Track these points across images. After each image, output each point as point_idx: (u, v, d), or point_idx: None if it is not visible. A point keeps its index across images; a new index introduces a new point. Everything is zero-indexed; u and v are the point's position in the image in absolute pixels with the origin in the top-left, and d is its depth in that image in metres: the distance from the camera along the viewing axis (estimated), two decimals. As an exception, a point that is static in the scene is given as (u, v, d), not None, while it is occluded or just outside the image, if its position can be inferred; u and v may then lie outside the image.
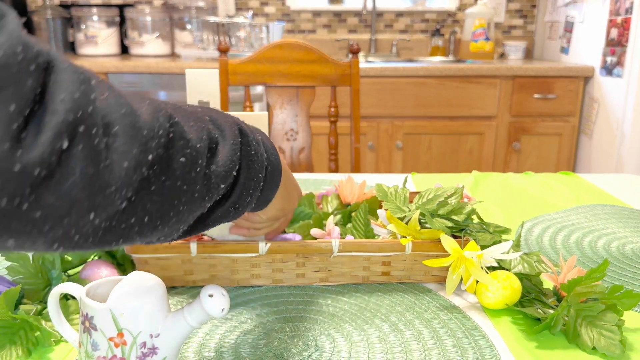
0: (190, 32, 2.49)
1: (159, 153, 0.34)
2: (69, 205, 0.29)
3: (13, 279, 0.61)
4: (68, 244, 0.31)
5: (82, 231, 0.31)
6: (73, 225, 0.30)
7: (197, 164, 0.38)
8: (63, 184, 0.28)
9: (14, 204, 0.27)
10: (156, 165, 0.34)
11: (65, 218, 0.29)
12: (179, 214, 0.37)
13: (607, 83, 2.13)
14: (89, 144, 0.29)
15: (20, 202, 0.27)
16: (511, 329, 0.58)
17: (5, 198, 0.26)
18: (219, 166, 0.41)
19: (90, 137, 0.29)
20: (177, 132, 0.37)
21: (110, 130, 0.31)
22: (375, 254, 0.65)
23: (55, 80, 0.28)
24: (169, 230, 0.38)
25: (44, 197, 0.28)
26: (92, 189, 0.30)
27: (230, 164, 0.43)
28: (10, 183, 0.26)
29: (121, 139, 0.32)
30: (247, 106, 1.49)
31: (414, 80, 2.21)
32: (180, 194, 0.37)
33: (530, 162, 2.34)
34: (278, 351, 0.54)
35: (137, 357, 0.43)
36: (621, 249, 0.80)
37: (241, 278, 0.66)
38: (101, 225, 0.32)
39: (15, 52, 0.26)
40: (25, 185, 0.27)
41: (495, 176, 1.15)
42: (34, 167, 0.27)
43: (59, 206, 0.29)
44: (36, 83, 0.27)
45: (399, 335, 0.57)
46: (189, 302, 0.45)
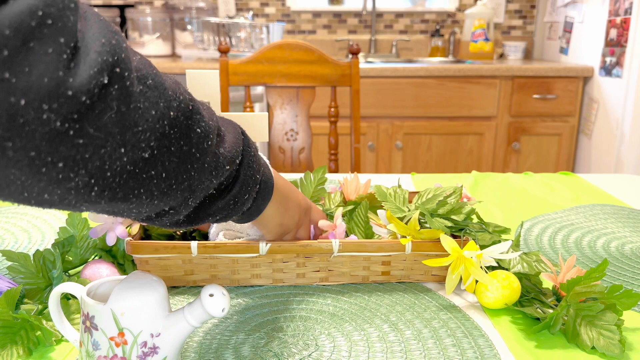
0: (190, 32, 2.49)
1: (179, 117, 0.38)
2: (104, 136, 0.32)
3: (14, 279, 0.61)
4: (101, 181, 0.33)
5: (113, 167, 0.34)
6: (108, 157, 0.33)
7: (210, 138, 0.42)
8: (102, 117, 0.32)
9: (65, 126, 0.30)
10: (176, 128, 0.38)
11: (102, 148, 0.32)
12: (191, 179, 0.41)
13: (606, 83, 2.13)
14: (124, 85, 0.33)
15: (69, 127, 0.30)
16: (511, 328, 0.58)
17: (60, 119, 0.29)
18: (226, 150, 0.45)
19: (124, 79, 0.33)
20: (195, 106, 0.41)
21: (145, 81, 0.35)
22: (375, 254, 0.65)
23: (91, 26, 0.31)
24: (180, 196, 0.41)
25: (85, 126, 0.31)
26: (124, 125, 0.33)
27: (235, 152, 0.47)
28: (64, 106, 0.29)
29: (152, 91, 0.36)
30: (247, 106, 1.49)
31: (414, 80, 2.21)
32: (194, 160, 0.40)
33: (530, 162, 2.34)
34: (278, 351, 0.54)
35: (137, 356, 0.43)
36: (620, 249, 0.80)
37: (242, 278, 0.66)
38: (127, 167, 0.35)
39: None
40: (74, 111, 0.30)
41: (494, 176, 1.15)
42: (82, 94, 0.30)
43: (97, 136, 0.32)
44: (75, 19, 0.30)
45: (398, 334, 0.57)
46: (190, 302, 0.45)
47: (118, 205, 0.36)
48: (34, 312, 0.56)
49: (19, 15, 0.26)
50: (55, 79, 0.28)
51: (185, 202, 0.42)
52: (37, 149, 0.29)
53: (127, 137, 0.34)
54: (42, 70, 0.28)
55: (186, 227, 0.47)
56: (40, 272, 0.61)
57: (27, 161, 0.29)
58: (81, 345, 0.45)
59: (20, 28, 0.26)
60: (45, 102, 0.28)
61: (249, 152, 0.50)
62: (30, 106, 0.28)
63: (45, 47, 0.28)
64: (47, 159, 0.30)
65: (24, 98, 0.27)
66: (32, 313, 0.55)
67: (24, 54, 0.27)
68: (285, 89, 1.49)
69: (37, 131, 0.28)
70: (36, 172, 0.30)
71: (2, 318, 0.53)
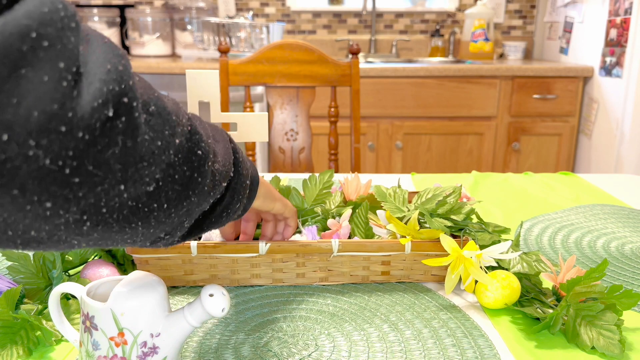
0: (190, 32, 2.49)
1: (182, 142, 0.36)
2: (104, 174, 0.29)
3: (14, 279, 0.61)
4: (95, 217, 0.31)
5: (110, 204, 0.31)
6: (105, 195, 0.30)
7: (209, 158, 0.40)
8: (104, 153, 0.29)
9: (57, 164, 0.27)
10: (180, 154, 0.36)
11: (99, 186, 0.30)
12: (190, 205, 0.39)
13: (606, 83, 2.13)
14: (131, 116, 0.30)
15: (64, 165, 0.27)
16: (510, 328, 0.58)
17: (49, 157, 0.26)
18: (220, 165, 0.43)
19: (132, 110, 0.30)
20: (194, 126, 0.39)
21: (148, 108, 0.32)
22: (374, 254, 0.65)
23: (95, 49, 0.29)
24: (177, 221, 0.39)
25: (84, 164, 0.28)
26: (128, 161, 0.30)
27: (228, 166, 0.45)
28: (55, 143, 0.26)
29: (156, 119, 0.33)
30: (247, 106, 1.49)
31: (414, 80, 2.21)
32: (195, 185, 0.38)
33: (530, 162, 2.34)
34: (278, 351, 0.54)
35: (137, 356, 0.43)
36: (620, 249, 0.80)
37: (241, 278, 0.66)
38: (127, 203, 0.32)
39: (58, 9, 0.26)
40: (68, 148, 0.27)
41: (494, 176, 1.15)
42: (79, 130, 0.27)
43: (95, 174, 0.29)
44: (77, 41, 0.27)
45: (398, 334, 0.57)
46: (190, 302, 0.45)
47: (112, 236, 0.34)
48: (34, 312, 0.56)
49: (7, 39, 0.24)
50: (47, 113, 0.25)
51: (181, 225, 0.40)
52: (21, 187, 0.26)
53: (130, 173, 0.31)
54: (32, 101, 0.25)
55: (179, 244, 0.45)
56: (40, 272, 0.61)
57: (9, 198, 0.26)
58: (81, 345, 0.45)
59: (7, 54, 0.24)
60: (33, 138, 0.25)
61: (238, 160, 0.48)
62: (13, 141, 0.25)
63: (40, 74, 0.25)
64: (32, 198, 0.27)
65: (7, 133, 0.25)
66: (32, 313, 0.55)
67: (12, 83, 0.24)
68: (285, 89, 1.49)
69: (21, 169, 0.26)
70: (19, 209, 0.27)
71: (2, 318, 0.53)
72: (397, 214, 0.68)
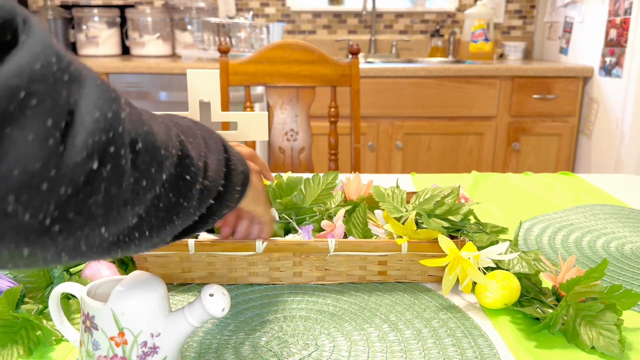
0: (190, 32, 2.49)
1: (170, 172, 0.35)
2: (85, 220, 0.29)
3: (15, 278, 0.61)
4: (74, 254, 0.31)
5: (91, 243, 0.31)
6: (85, 237, 0.30)
7: (198, 180, 0.39)
8: (86, 201, 0.28)
9: (37, 218, 0.26)
10: (167, 184, 0.35)
11: (79, 231, 0.29)
12: (173, 227, 0.39)
13: (606, 83, 2.13)
14: (117, 164, 0.29)
15: (44, 217, 0.27)
16: (510, 328, 0.58)
17: (28, 213, 0.26)
18: (210, 181, 0.42)
19: (119, 158, 0.29)
20: (184, 150, 0.38)
21: (134, 147, 0.31)
22: (371, 254, 0.65)
23: (86, 95, 0.28)
24: (158, 240, 0.38)
25: (66, 213, 0.28)
26: (110, 207, 0.30)
27: (218, 178, 0.44)
28: (36, 200, 0.26)
29: (143, 157, 0.32)
30: (247, 106, 1.50)
31: (414, 80, 2.21)
32: (180, 209, 0.38)
33: (530, 162, 2.34)
34: (278, 351, 0.54)
35: (138, 356, 0.43)
36: (620, 249, 0.80)
37: (239, 276, 0.66)
38: (109, 239, 0.32)
39: (51, 63, 0.26)
40: (50, 203, 0.27)
41: (494, 176, 1.15)
42: (62, 186, 0.27)
43: (77, 220, 0.29)
44: (69, 94, 0.27)
45: (398, 334, 0.57)
46: (190, 302, 0.45)
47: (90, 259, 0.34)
48: (35, 311, 0.56)
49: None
50: (29, 172, 0.25)
51: (163, 242, 0.40)
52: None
53: (112, 217, 0.31)
54: (14, 160, 0.24)
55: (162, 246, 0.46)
56: (41, 271, 0.61)
57: None
58: (81, 345, 0.45)
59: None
60: (12, 194, 0.25)
61: (229, 168, 0.47)
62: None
63: (25, 133, 0.24)
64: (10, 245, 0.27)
65: None
66: (33, 312, 0.55)
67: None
68: (285, 89, 1.49)
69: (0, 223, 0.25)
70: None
71: (3, 317, 0.53)
72: (395, 214, 0.68)
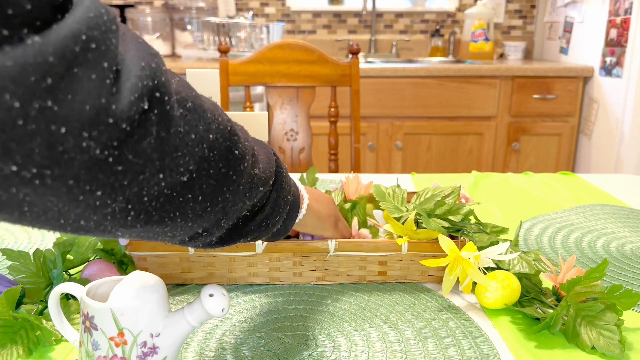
0: (190, 32, 2.49)
1: (218, 139, 0.38)
2: (143, 162, 0.32)
3: (14, 279, 0.61)
4: (138, 206, 0.33)
5: (151, 192, 0.33)
6: (146, 183, 0.32)
7: (246, 159, 0.42)
8: (140, 143, 0.31)
9: (105, 154, 0.29)
10: (215, 150, 0.38)
11: (140, 175, 0.32)
12: (226, 202, 0.41)
13: (606, 83, 2.13)
14: (164, 109, 0.32)
15: (109, 154, 0.29)
16: (510, 328, 0.58)
17: (99, 147, 0.28)
18: (260, 171, 0.45)
19: (164, 103, 0.32)
20: (232, 128, 0.41)
21: (184, 104, 0.35)
22: (371, 254, 0.65)
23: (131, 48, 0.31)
24: (214, 218, 0.41)
25: (124, 153, 0.30)
26: (163, 150, 0.33)
27: (269, 173, 0.47)
28: (104, 134, 0.28)
29: (192, 114, 0.35)
30: (247, 106, 1.49)
31: (414, 80, 2.21)
32: (230, 182, 0.40)
33: (530, 162, 2.34)
34: (278, 351, 0.54)
35: (137, 356, 0.43)
36: (620, 249, 0.80)
37: (239, 276, 0.66)
38: (164, 191, 0.34)
39: (101, 13, 0.28)
40: (114, 138, 0.29)
41: (494, 176, 1.15)
42: (122, 121, 0.29)
43: (136, 163, 0.31)
44: (117, 42, 0.29)
45: (398, 334, 0.57)
46: (189, 302, 0.45)
47: (153, 229, 0.36)
48: (34, 312, 0.56)
49: (63, 40, 0.26)
50: (97, 106, 0.28)
51: (218, 223, 0.42)
52: (75, 177, 0.28)
53: (167, 162, 0.33)
54: (84, 97, 0.27)
55: (219, 247, 0.47)
56: (41, 272, 0.61)
57: (66, 189, 0.28)
58: (81, 345, 0.45)
59: (64, 54, 0.26)
60: (86, 130, 0.28)
61: (280, 173, 0.50)
62: (70, 134, 0.27)
63: (89, 73, 0.27)
64: (85, 187, 0.29)
65: (65, 126, 0.27)
66: (33, 313, 0.55)
67: (68, 81, 0.26)
68: (285, 89, 1.49)
69: (76, 159, 0.28)
70: (74, 199, 0.29)
71: (3, 317, 0.53)
72: (395, 214, 0.68)
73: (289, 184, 0.52)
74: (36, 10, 0.25)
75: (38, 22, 0.25)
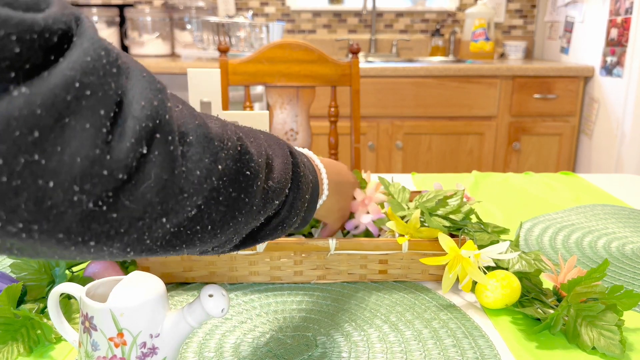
0: (190, 32, 2.49)
1: (228, 165, 0.36)
2: (143, 208, 0.30)
3: (17, 277, 0.61)
4: (139, 248, 0.32)
5: (154, 235, 0.32)
6: (147, 228, 0.31)
7: (259, 177, 0.40)
8: (138, 188, 0.29)
9: (99, 205, 0.28)
10: (225, 177, 0.36)
11: (139, 221, 0.30)
12: (237, 224, 0.39)
13: (607, 83, 2.13)
14: (165, 151, 0.30)
15: (103, 204, 0.28)
16: (511, 328, 0.58)
17: (92, 200, 0.27)
18: (275, 182, 0.43)
19: (166, 144, 0.30)
20: (243, 146, 0.38)
21: (185, 139, 0.32)
22: (372, 253, 0.65)
23: (133, 86, 0.29)
24: (225, 239, 0.39)
25: (121, 199, 0.29)
26: (166, 194, 0.31)
27: (284, 182, 0.44)
28: (98, 187, 0.27)
29: (195, 148, 0.33)
30: (247, 106, 1.49)
31: (414, 80, 2.21)
32: (242, 205, 0.38)
33: (530, 162, 2.34)
34: (278, 351, 0.54)
35: (137, 357, 0.43)
36: (621, 249, 0.80)
37: (240, 275, 0.66)
38: (170, 230, 0.33)
39: (100, 56, 0.27)
40: (109, 189, 0.28)
41: (495, 176, 1.15)
42: (119, 171, 0.28)
43: (134, 209, 0.29)
44: (117, 85, 0.28)
45: (399, 335, 0.57)
46: (189, 302, 0.45)
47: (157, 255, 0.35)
48: (36, 310, 0.56)
49: (53, 90, 0.24)
50: (90, 158, 0.26)
51: (229, 242, 0.40)
52: (66, 230, 0.27)
53: (170, 205, 0.31)
54: (76, 148, 0.25)
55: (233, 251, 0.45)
56: (43, 269, 0.61)
57: (55, 241, 0.27)
58: (80, 345, 0.45)
59: (54, 104, 0.24)
60: (77, 184, 0.26)
61: (297, 174, 0.47)
62: (59, 188, 0.25)
63: (83, 122, 0.26)
64: (77, 239, 0.28)
65: (54, 180, 0.25)
66: (34, 311, 0.55)
67: (57, 132, 0.25)
68: (285, 89, 1.49)
69: (67, 213, 0.26)
70: (65, 248, 0.28)
71: (4, 315, 0.53)
72: (399, 212, 0.68)
73: (307, 182, 0.49)
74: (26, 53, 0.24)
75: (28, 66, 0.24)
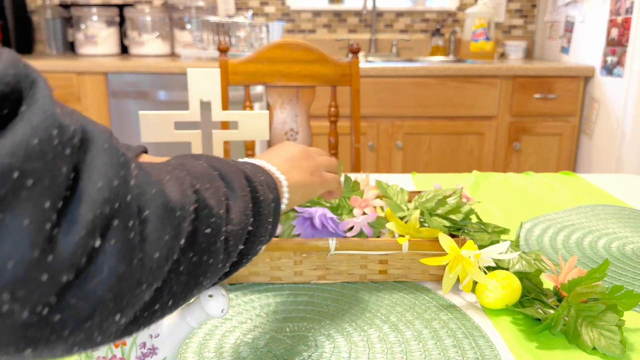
0: (190, 31, 2.49)
1: (188, 233, 0.32)
2: (92, 306, 0.25)
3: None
4: (89, 346, 0.27)
5: (106, 333, 0.27)
6: (97, 327, 0.26)
7: (220, 231, 0.36)
8: (88, 284, 0.25)
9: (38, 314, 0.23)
10: (185, 244, 0.32)
11: (88, 321, 0.26)
12: (201, 287, 0.35)
13: (607, 83, 2.13)
14: (123, 239, 0.26)
15: (42, 309, 0.24)
16: (511, 329, 0.58)
17: (28, 309, 0.23)
18: (235, 225, 0.38)
19: (125, 230, 0.26)
20: (201, 201, 0.34)
21: (141, 215, 0.28)
22: (372, 253, 0.65)
23: (91, 162, 0.25)
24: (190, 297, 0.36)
25: (65, 299, 0.24)
26: (121, 289, 0.27)
27: (245, 219, 0.40)
28: (35, 294, 0.23)
29: (152, 224, 0.29)
30: (246, 106, 1.49)
31: (414, 80, 2.21)
32: (206, 268, 0.34)
33: (531, 162, 2.34)
34: (278, 351, 0.54)
35: (136, 357, 0.43)
36: (621, 249, 0.79)
37: (240, 275, 0.66)
38: (125, 324, 0.29)
39: (52, 136, 0.23)
40: (50, 293, 0.23)
41: (495, 176, 1.15)
42: (62, 273, 0.24)
43: (82, 308, 0.25)
44: (70, 167, 0.24)
45: (399, 335, 0.57)
46: (189, 303, 0.45)
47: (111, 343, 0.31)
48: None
49: None
50: (26, 262, 0.22)
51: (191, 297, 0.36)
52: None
53: (125, 301, 0.27)
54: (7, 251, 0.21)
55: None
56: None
57: None
58: (80, 346, 0.45)
59: None
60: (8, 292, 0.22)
61: (257, 200, 0.42)
62: None
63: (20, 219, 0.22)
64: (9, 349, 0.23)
65: None
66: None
67: None
68: (285, 89, 1.49)
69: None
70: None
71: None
72: (398, 213, 0.68)
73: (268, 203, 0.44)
74: None
75: None
